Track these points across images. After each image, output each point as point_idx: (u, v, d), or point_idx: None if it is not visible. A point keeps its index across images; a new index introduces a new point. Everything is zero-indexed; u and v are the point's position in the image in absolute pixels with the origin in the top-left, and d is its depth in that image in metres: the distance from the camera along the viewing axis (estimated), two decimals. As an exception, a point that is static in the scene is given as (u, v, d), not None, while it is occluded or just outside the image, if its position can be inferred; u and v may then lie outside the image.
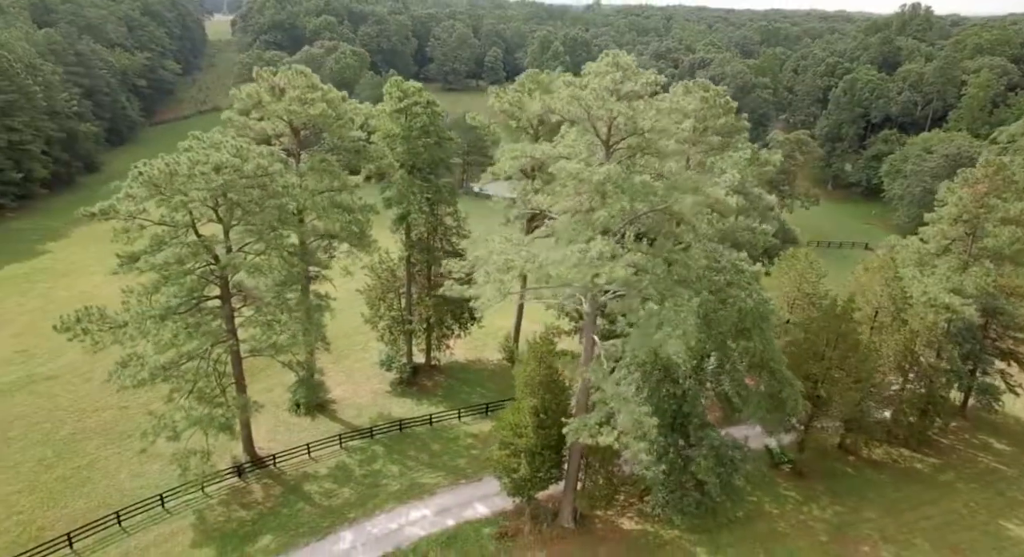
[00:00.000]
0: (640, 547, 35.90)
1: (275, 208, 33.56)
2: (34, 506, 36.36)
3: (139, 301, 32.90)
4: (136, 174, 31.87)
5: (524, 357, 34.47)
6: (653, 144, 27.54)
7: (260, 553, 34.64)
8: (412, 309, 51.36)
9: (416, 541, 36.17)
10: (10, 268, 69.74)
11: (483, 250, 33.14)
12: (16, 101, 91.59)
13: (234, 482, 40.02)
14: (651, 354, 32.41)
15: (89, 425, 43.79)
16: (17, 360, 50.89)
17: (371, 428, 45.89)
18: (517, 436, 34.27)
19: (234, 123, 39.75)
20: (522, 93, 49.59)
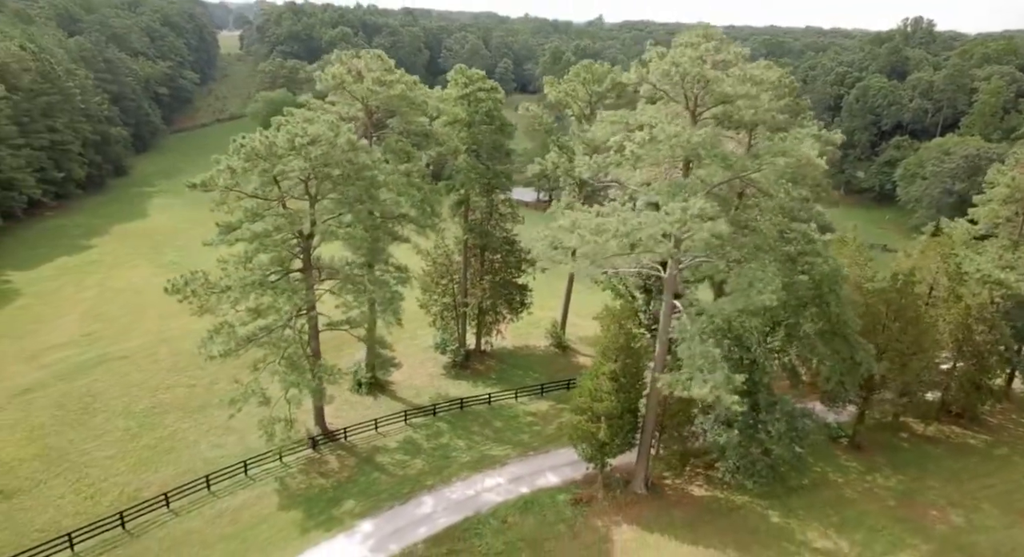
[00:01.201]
0: (713, 511, 36.93)
1: (364, 181, 35.02)
2: (128, 470, 37.47)
3: (236, 269, 34.17)
4: (238, 147, 33.35)
5: (604, 323, 35.70)
6: (737, 113, 29.05)
7: (346, 515, 35.67)
8: (467, 293, 52.65)
9: (494, 506, 37.20)
10: (61, 260, 71.22)
11: (567, 220, 34.61)
12: (57, 103, 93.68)
13: (309, 453, 41.09)
14: (726, 321, 33.88)
15: (164, 400, 44.96)
16: (86, 342, 52.18)
17: (434, 406, 47.01)
18: (595, 401, 35.39)
19: (311, 106, 41.31)
20: (576, 82, 51.41)
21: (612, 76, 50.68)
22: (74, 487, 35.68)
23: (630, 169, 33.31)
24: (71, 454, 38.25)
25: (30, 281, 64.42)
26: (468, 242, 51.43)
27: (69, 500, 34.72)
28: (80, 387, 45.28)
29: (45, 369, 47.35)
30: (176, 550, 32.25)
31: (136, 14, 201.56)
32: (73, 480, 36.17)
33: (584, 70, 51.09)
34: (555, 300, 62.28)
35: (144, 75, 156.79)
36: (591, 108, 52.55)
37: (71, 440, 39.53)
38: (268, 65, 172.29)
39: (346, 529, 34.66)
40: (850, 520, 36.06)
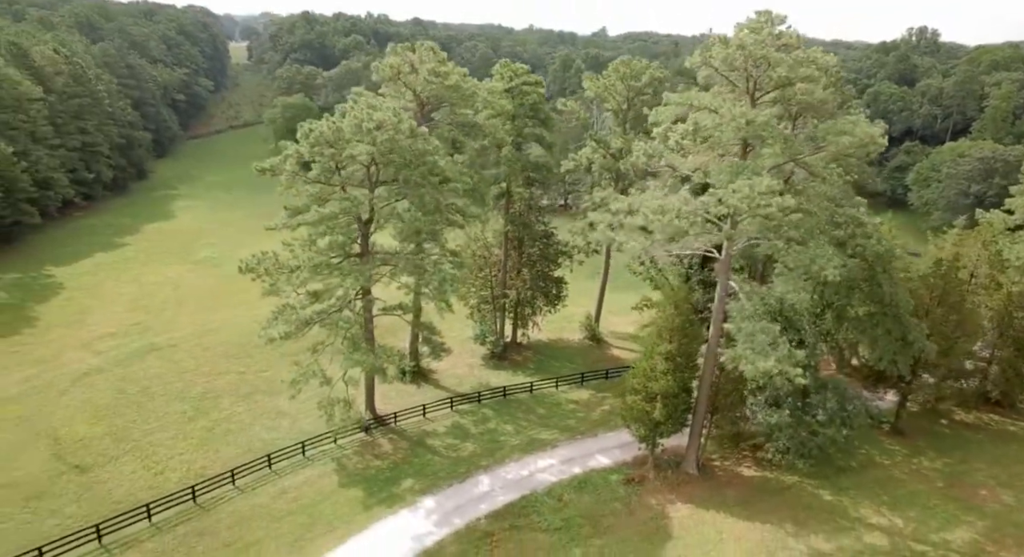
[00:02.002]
0: (764, 490, 37.63)
1: (425, 166, 36.09)
2: (191, 449, 38.34)
3: (302, 250, 35.16)
4: (306, 132, 34.43)
5: (660, 304, 36.58)
6: (795, 97, 30.10)
7: (407, 493, 36.44)
8: (507, 285, 53.58)
9: (549, 485, 37.95)
10: (98, 257, 72.39)
11: (623, 204, 35.64)
12: (88, 105, 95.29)
13: (362, 437, 41.88)
14: (778, 301, 34.76)
15: (216, 386, 45.86)
16: (135, 331, 53.18)
17: (478, 393, 47.84)
18: (650, 380, 36.20)
19: (365, 96, 42.37)
20: (615, 78, 52.60)
21: (651, 72, 51.85)
22: (143, 463, 36.55)
23: (682, 155, 34.49)
24: (136, 433, 39.13)
25: (71, 276, 65.53)
26: (508, 234, 52.44)
27: (140, 475, 35.57)
28: (136, 372, 46.24)
29: (100, 355, 48.33)
30: (246, 523, 33.01)
31: (153, 23, 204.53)
32: (142, 457, 37.05)
33: (623, 66, 52.26)
34: (584, 297, 63.22)
35: (162, 81, 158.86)
36: (628, 103, 53.71)
37: (134, 421, 40.44)
38: (285, 71, 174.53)
39: (408, 505, 35.41)
40: (901, 499, 36.72)
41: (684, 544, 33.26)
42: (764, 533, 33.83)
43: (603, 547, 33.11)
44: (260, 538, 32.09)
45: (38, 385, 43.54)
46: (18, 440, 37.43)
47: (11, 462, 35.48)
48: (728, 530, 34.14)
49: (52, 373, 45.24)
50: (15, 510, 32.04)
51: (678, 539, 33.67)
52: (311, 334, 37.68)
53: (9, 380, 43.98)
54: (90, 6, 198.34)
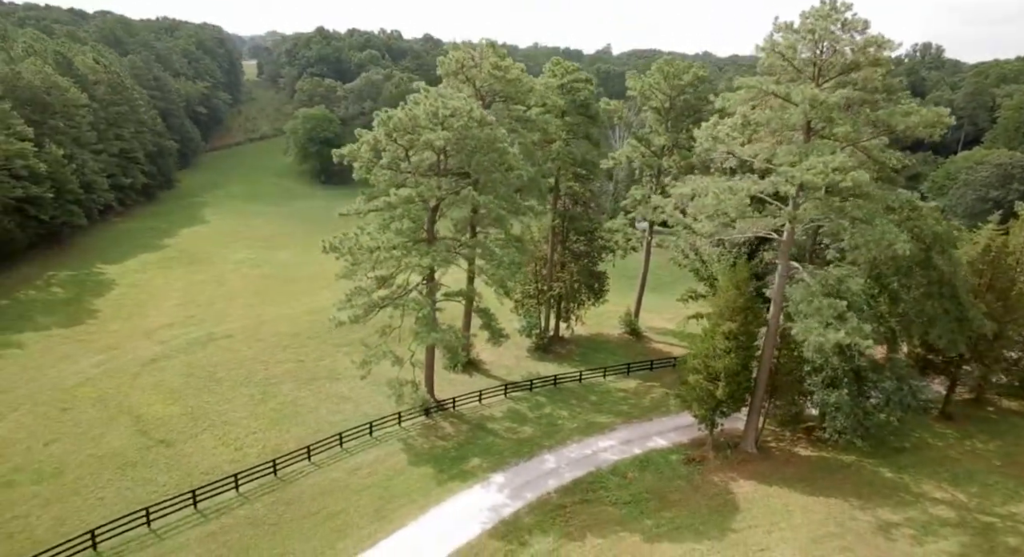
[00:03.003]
0: (824, 468, 38.55)
1: (496, 152, 37.61)
2: (263, 428, 39.46)
3: (380, 232, 36.54)
4: (384, 120, 36.00)
5: (721, 285, 37.83)
6: (862, 80, 31.54)
7: (477, 469, 37.45)
8: (554, 278, 54.85)
9: (613, 464, 38.95)
10: (143, 256, 73.96)
11: (687, 188, 37.08)
12: (125, 113, 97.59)
13: (423, 420, 42.95)
14: (837, 281, 35.96)
15: (277, 372, 47.05)
16: (191, 323, 54.53)
17: (530, 381, 48.93)
18: (712, 359, 37.31)
19: (428, 92, 43.99)
20: (659, 76, 54.31)
21: (694, 70, 53.57)
22: (222, 440, 37.67)
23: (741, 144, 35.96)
24: (210, 414, 40.29)
25: (121, 273, 67.04)
26: (555, 228, 53.81)
27: (220, 451, 36.68)
28: (200, 359, 47.50)
29: (163, 344, 49.62)
30: (327, 495, 34.04)
31: (173, 38, 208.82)
32: (219, 435, 38.18)
33: (667, 65, 53.99)
34: (616, 295, 64.24)
35: (185, 94, 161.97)
36: (671, 101, 55.36)
37: (206, 402, 41.61)
38: (305, 84, 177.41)
39: (480, 480, 36.40)
40: (960, 476, 37.59)
41: (752, 516, 34.14)
42: (830, 506, 34.72)
43: (673, 519, 34.01)
44: (343, 509, 33.11)
45: (110, 369, 44.81)
46: (102, 417, 38.62)
47: (101, 436, 36.66)
48: (794, 503, 35.03)
49: (121, 359, 46.54)
50: (113, 478, 33.19)
51: (745, 511, 34.55)
52: (370, 324, 38.86)
53: (83, 365, 45.28)
54: (114, 21, 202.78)
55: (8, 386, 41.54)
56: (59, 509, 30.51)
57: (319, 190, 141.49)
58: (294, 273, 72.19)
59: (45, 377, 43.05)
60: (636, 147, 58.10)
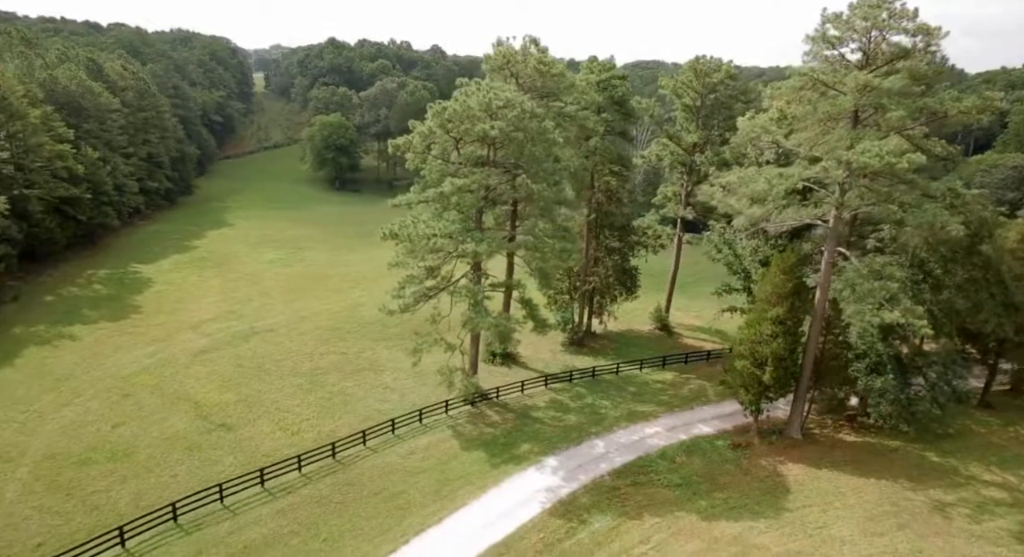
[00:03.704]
0: (870, 452, 39.04)
1: (547, 142, 38.57)
2: (316, 415, 40.21)
3: (435, 220, 37.44)
4: (438, 111, 37.00)
5: (769, 272, 38.57)
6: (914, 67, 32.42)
7: (529, 454, 38.07)
8: (588, 273, 55.60)
9: (661, 449, 39.53)
10: (174, 257, 75.05)
11: (734, 176, 37.96)
12: (152, 119, 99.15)
13: (469, 409, 43.60)
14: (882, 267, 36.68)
15: (322, 364, 47.83)
16: (232, 317, 55.44)
17: (569, 373, 49.60)
18: (759, 344, 37.93)
19: (479, 84, 44.82)
20: (692, 75, 55.40)
21: (725, 68, 54.64)
22: (278, 425, 38.42)
23: (784, 134, 36.86)
24: (263, 401, 41.06)
25: (156, 272, 68.08)
26: (590, 223, 54.63)
27: (278, 435, 37.43)
28: (246, 351, 48.34)
29: (208, 337, 50.49)
30: (386, 477, 34.70)
31: (188, 49, 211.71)
32: (275, 420, 38.94)
33: (698, 63, 55.06)
34: (644, 293, 64.86)
35: (201, 102, 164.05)
36: (702, 99, 56.43)
37: (258, 390, 42.40)
38: (320, 93, 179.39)
39: (534, 464, 37.02)
40: (1009, 460, 38.05)
41: (804, 496, 34.64)
42: (881, 488, 35.21)
43: (727, 499, 34.53)
44: (403, 489, 33.74)
45: (162, 359, 45.68)
46: (162, 403, 39.44)
47: (164, 420, 37.47)
48: (845, 485, 35.53)
49: (170, 351, 47.41)
50: (181, 458, 33.97)
51: (797, 493, 35.06)
52: (417, 314, 39.74)
53: (136, 355, 46.17)
54: (131, 32, 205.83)
55: (70, 374, 42.46)
56: (136, 485, 31.28)
57: (334, 196, 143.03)
58: (325, 272, 73.17)
59: (102, 366, 43.94)
60: (667, 145, 59.12)
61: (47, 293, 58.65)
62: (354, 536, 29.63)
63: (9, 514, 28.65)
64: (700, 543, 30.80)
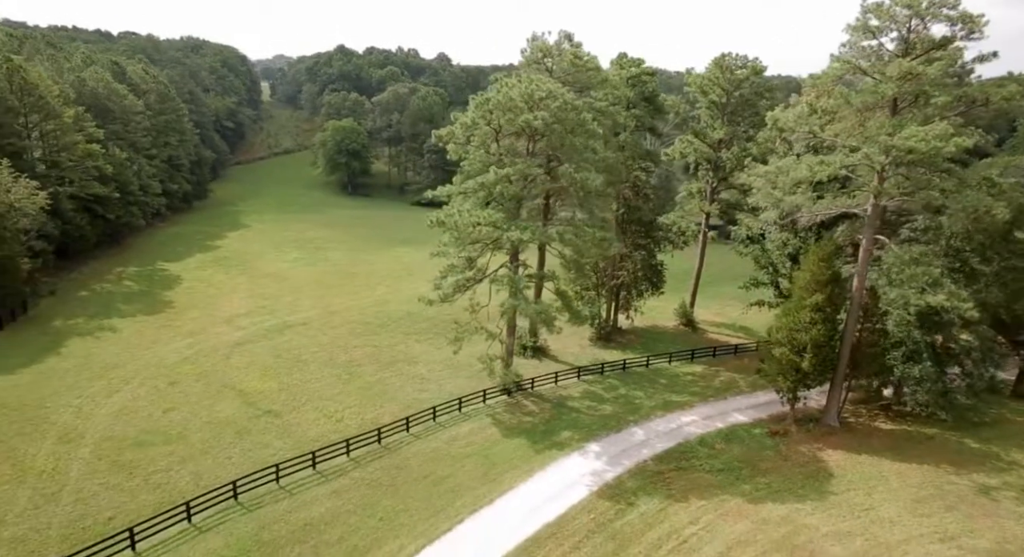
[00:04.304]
0: (908, 440, 39.30)
1: (587, 133, 39.20)
2: (357, 404, 40.67)
3: (479, 209, 38.00)
4: (481, 102, 37.70)
5: (807, 260, 39.01)
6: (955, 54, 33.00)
7: (571, 440, 38.43)
8: (616, 267, 56.06)
9: (699, 436, 39.86)
10: (199, 256, 75.78)
11: (772, 166, 38.52)
12: (172, 122, 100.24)
13: (505, 399, 43.99)
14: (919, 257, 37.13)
15: (356, 356, 48.31)
16: (264, 312, 56.03)
17: (601, 365, 49.98)
18: (797, 332, 38.29)
19: (520, 76, 45.43)
20: (718, 72, 56.06)
21: (752, 65, 55.30)
22: (322, 413, 38.87)
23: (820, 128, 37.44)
24: (305, 390, 41.54)
25: (184, 270, 68.76)
26: (617, 219, 55.13)
27: (323, 422, 37.87)
28: (282, 343, 48.87)
29: (243, 330, 51.05)
30: (433, 462, 35.08)
31: (200, 56, 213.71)
32: (318, 408, 39.39)
33: (724, 59, 55.71)
34: (668, 293, 65.31)
35: (214, 108, 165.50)
36: (728, 96, 57.07)
37: (299, 380, 42.88)
38: (333, 98, 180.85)
39: (576, 449, 37.38)
40: (1048, 446, 38.33)
41: (847, 481, 34.91)
42: (924, 472, 35.47)
43: (770, 483, 34.82)
44: (451, 473, 34.11)
45: (202, 350, 46.22)
46: (208, 390, 39.96)
47: (212, 406, 37.97)
48: (887, 470, 35.81)
49: (209, 342, 47.96)
50: (233, 441, 34.45)
51: (840, 477, 35.33)
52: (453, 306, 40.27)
53: (176, 346, 46.75)
54: (144, 40, 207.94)
55: (116, 362, 43.02)
56: (194, 466, 31.74)
57: (346, 200, 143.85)
58: (349, 270, 73.77)
59: (144, 356, 44.49)
60: (691, 142, 59.67)
61: (80, 289, 59.31)
62: (408, 516, 30.00)
63: (78, 490, 29.15)
64: (749, 523, 31.10)
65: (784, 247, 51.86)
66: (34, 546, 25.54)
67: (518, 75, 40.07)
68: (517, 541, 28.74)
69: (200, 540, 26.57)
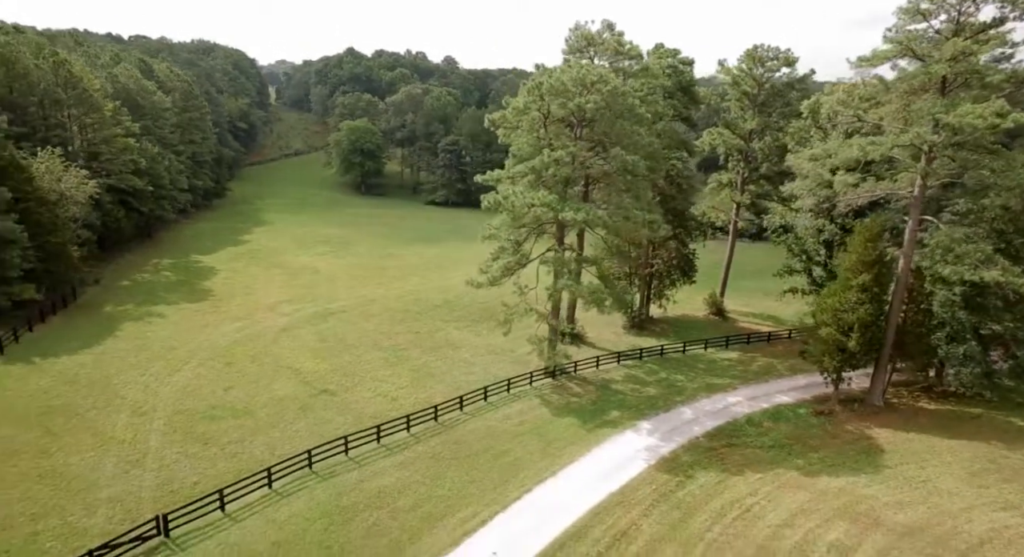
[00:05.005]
0: (954, 418, 39.84)
1: (635, 117, 39.94)
2: (408, 384, 41.36)
3: (531, 190, 38.70)
4: (533, 86, 38.42)
5: (854, 241, 39.60)
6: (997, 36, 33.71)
7: (622, 419, 39.02)
8: (650, 256, 56.71)
9: (746, 415, 40.44)
10: (229, 250, 76.55)
11: (819, 149, 39.21)
12: (196, 120, 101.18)
13: (551, 381, 44.60)
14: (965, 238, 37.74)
15: (400, 342, 48.96)
16: (304, 300, 56.76)
17: (640, 350, 50.58)
18: (844, 312, 38.86)
19: (570, 62, 46.02)
20: (751, 63, 56.84)
21: (784, 56, 56.07)
22: (376, 393, 39.53)
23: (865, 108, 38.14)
24: (356, 371, 42.22)
25: (218, 262, 69.56)
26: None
27: (378, 401, 38.52)
28: (326, 329, 49.56)
29: (286, 317, 51.76)
30: (490, 438, 35.67)
31: (211, 58, 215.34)
32: (372, 387, 40.07)
33: (757, 50, 56.48)
34: (695, 285, 65.88)
35: (228, 109, 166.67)
36: (759, 86, 57.83)
37: (348, 362, 43.56)
38: (347, 99, 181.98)
39: (629, 427, 37.98)
40: (1096, 424, 38.80)
41: (899, 456, 35.45)
42: (974, 448, 35.99)
43: (823, 459, 35.37)
44: (510, 448, 34.72)
45: (250, 334, 46.93)
46: (264, 370, 40.68)
47: (270, 385, 38.68)
48: (937, 445, 36.34)
49: (256, 327, 48.67)
50: (296, 417, 35.16)
51: (891, 452, 35.86)
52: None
53: (225, 330, 47.51)
54: (155, 43, 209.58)
55: (171, 345, 43.77)
56: (265, 438, 32.43)
57: (360, 200, 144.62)
58: (378, 264, 74.50)
59: (198, 339, 45.22)
60: (721, 134, 60.40)
61: (121, 278, 60.09)
62: (476, 486, 30.59)
63: (160, 457, 29.85)
64: (808, 494, 31.63)
65: (819, 234, 52.47)
66: (130, 506, 26.24)
67: (567, 61, 40.81)
68: (586, 507, 29.32)
69: (283, 503, 27.22)
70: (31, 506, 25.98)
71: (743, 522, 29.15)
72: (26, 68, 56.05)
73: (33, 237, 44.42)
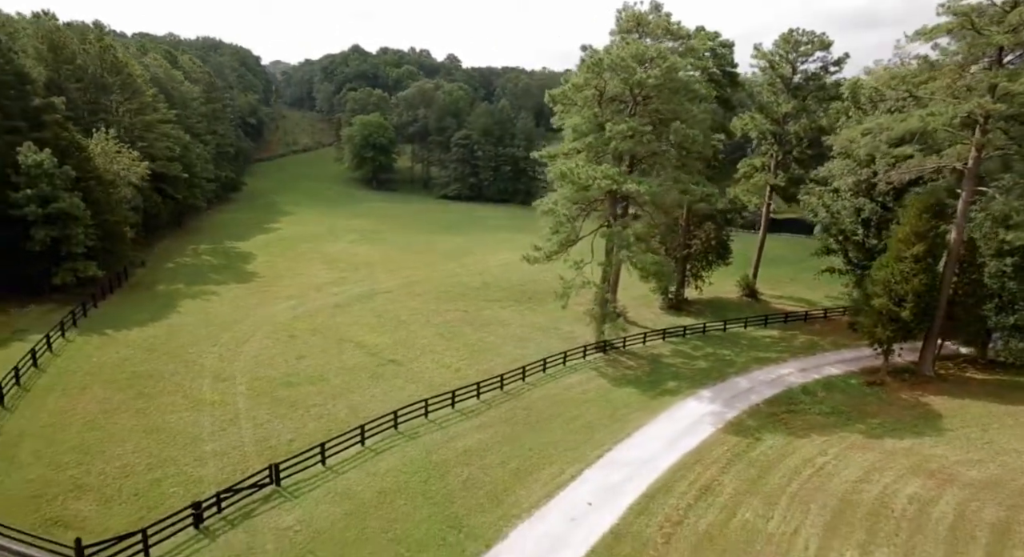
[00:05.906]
0: (1005, 386, 40.70)
1: (691, 93, 40.73)
2: (467, 357, 42.12)
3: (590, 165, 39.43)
4: (591, 64, 39.14)
5: (908, 213, 40.41)
6: None
7: (678, 388, 39.78)
8: (688, 237, 57.48)
9: (800, 385, 41.25)
10: (262, 237, 77.16)
11: (867, 125, 40.02)
12: (218, 111, 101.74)
13: (602, 356, 45.32)
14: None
15: (450, 319, 49.65)
16: (349, 281, 57.46)
17: (683, 328, 51.33)
18: (896, 284, 39.66)
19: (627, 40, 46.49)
20: (786, 47, 57.67)
21: (819, 39, 56.90)
22: (439, 363, 40.25)
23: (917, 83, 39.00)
24: (416, 344, 42.90)
25: (255, 247, 70.18)
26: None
27: (442, 371, 39.22)
28: (376, 307, 50.24)
29: (336, 296, 52.41)
30: (557, 405, 36.38)
31: (220, 55, 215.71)
32: (434, 359, 40.76)
33: (791, 34, 57.32)
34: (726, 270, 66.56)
35: (239, 105, 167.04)
36: (793, 68, 58.66)
37: (406, 336, 44.25)
38: (357, 95, 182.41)
39: (690, 395, 38.75)
40: None
41: (959, 420, 36.25)
42: (1030, 411, 36.83)
43: (883, 423, 36.16)
44: (579, 414, 35.44)
45: (306, 311, 47.60)
46: (328, 342, 41.38)
47: (338, 355, 39.37)
48: (995, 411, 37.17)
49: (309, 305, 49.34)
50: (369, 384, 35.94)
51: (950, 417, 36.67)
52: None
53: (280, 308, 48.18)
54: (163, 39, 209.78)
55: (233, 319, 44.47)
56: (345, 401, 33.13)
57: (373, 194, 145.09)
58: (412, 249, 75.19)
59: (258, 314, 45.89)
60: (754, 118, 61.19)
61: (165, 261, 60.66)
62: (555, 447, 31.28)
63: (252, 417, 30.51)
64: (876, 454, 32.37)
65: (858, 214, 53.23)
66: (236, 459, 26.91)
67: (624, 38, 41.53)
68: (666, 465, 30.06)
69: (378, 459, 27.88)
70: (145, 457, 26.67)
71: (820, 478, 29.88)
72: (73, 53, 56.65)
73: (93, 216, 45.01)
